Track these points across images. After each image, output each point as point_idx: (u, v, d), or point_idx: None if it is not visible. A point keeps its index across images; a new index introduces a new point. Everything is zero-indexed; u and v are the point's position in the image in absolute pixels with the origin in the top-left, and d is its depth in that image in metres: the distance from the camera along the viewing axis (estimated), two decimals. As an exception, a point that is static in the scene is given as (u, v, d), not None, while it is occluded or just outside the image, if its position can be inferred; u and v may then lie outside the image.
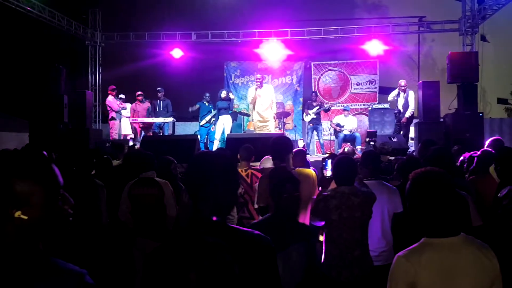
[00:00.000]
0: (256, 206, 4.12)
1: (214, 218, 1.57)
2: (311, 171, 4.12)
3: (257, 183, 4.22)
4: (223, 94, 11.42)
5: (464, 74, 9.93)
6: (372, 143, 9.24)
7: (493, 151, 4.30)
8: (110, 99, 11.77)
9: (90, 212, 4.14)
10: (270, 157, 4.95)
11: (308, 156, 6.74)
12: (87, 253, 3.86)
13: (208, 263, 1.39)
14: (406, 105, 10.55)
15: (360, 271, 3.26)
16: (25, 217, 1.25)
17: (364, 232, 3.35)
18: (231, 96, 11.72)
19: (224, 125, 11.23)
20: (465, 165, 4.64)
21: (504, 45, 14.35)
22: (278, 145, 3.98)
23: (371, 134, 9.69)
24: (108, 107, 11.87)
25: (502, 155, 3.65)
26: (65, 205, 1.33)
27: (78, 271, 1.29)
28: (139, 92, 11.81)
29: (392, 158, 5.34)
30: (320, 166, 4.39)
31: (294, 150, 4.44)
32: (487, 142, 5.06)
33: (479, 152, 4.46)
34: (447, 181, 1.92)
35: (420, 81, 10.61)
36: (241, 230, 1.59)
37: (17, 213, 1.24)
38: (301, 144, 10.48)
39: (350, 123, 11.60)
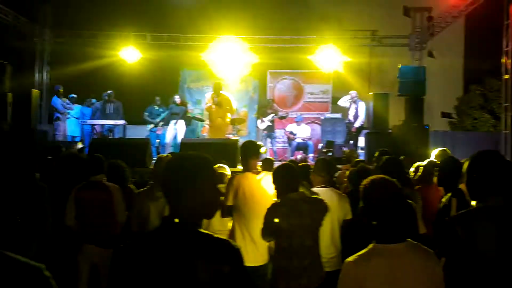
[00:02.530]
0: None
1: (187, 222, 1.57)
2: None
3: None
4: (177, 99, 11.33)
5: (412, 88, 10.33)
6: (330, 153, 9.37)
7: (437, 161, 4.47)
8: (55, 99, 11.43)
9: (35, 216, 3.93)
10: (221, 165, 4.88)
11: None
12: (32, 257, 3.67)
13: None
14: (356, 116, 10.89)
15: (308, 281, 3.19)
16: None
17: (315, 240, 3.30)
18: (187, 103, 11.72)
19: (176, 130, 11.10)
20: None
21: (449, 61, 15.13)
22: (246, 148, 4.04)
23: (329, 145, 9.85)
24: (53, 108, 11.50)
25: (443, 164, 3.80)
26: None
27: (36, 264, 1.32)
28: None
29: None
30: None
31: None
32: (433, 153, 5.25)
33: (425, 162, 4.63)
34: (396, 189, 1.98)
35: (371, 93, 10.94)
36: (212, 236, 1.59)
37: None
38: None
39: (303, 132, 11.77)
